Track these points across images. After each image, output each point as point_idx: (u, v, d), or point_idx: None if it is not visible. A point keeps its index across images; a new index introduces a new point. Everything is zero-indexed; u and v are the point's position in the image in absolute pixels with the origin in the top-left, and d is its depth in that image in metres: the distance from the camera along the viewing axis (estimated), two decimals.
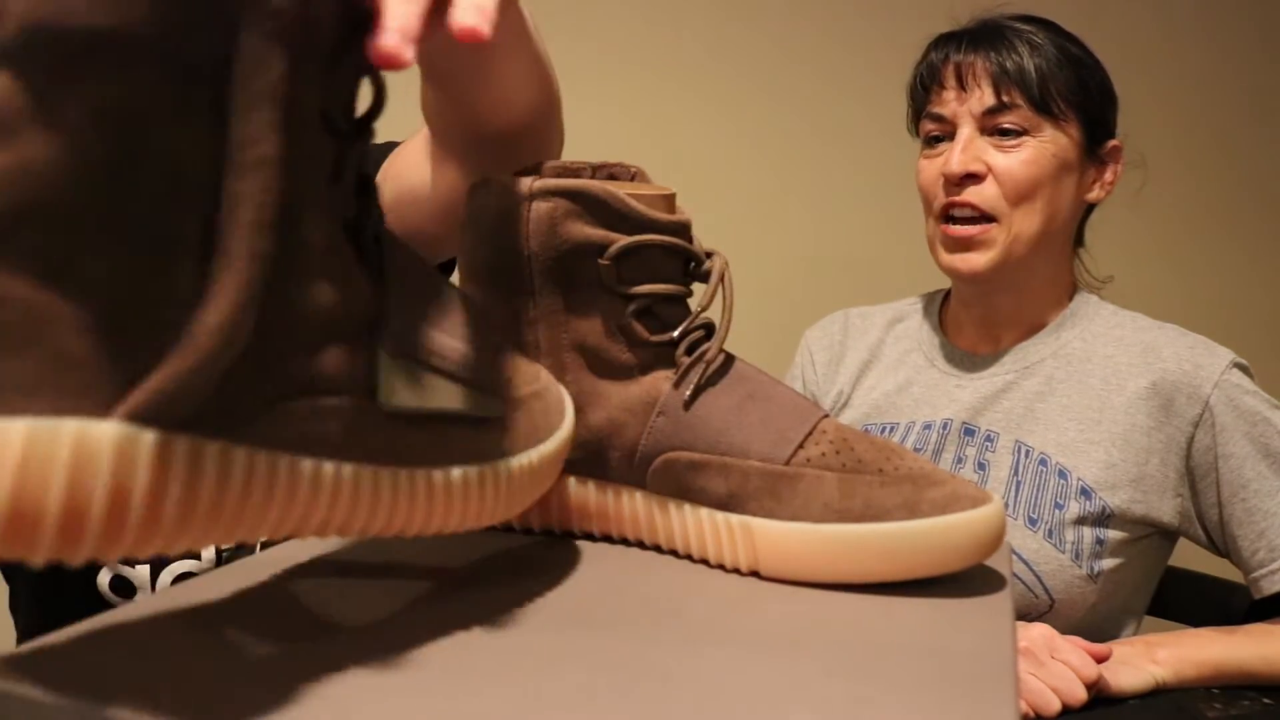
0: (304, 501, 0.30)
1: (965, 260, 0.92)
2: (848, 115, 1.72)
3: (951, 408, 0.97)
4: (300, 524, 0.31)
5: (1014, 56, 0.90)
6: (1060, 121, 0.91)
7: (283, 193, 0.28)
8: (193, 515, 0.27)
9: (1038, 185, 0.90)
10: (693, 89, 1.73)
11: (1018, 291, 0.96)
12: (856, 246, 1.72)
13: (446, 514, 0.36)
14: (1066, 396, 0.92)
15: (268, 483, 0.29)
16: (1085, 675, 0.75)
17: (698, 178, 1.70)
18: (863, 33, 1.70)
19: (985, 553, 0.42)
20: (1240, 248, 1.80)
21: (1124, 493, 0.88)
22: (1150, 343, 0.93)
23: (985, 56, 0.91)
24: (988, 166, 0.91)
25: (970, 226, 0.91)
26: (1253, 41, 1.77)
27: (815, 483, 0.43)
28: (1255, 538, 0.88)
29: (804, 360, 1.12)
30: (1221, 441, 0.88)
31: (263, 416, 0.29)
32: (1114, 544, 0.88)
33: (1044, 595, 0.87)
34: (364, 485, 0.33)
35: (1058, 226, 0.93)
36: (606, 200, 0.43)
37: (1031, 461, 0.91)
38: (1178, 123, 1.76)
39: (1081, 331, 0.96)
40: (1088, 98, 0.92)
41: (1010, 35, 0.92)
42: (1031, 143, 0.90)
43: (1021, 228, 0.91)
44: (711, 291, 0.45)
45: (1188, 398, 0.88)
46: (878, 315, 1.10)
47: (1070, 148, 0.92)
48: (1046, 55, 0.91)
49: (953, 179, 0.91)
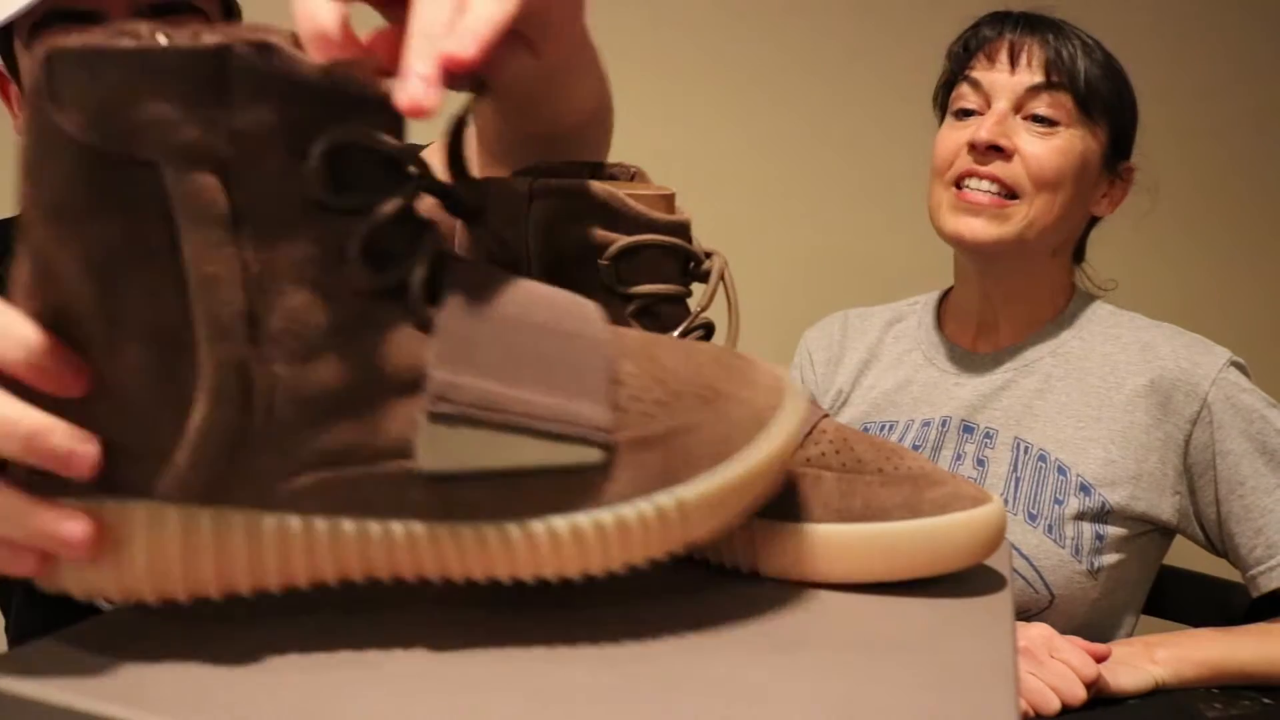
0: (357, 554, 0.33)
1: (971, 226, 0.91)
2: (847, 115, 1.72)
3: (950, 405, 0.97)
4: (364, 570, 0.33)
5: (1069, 46, 0.91)
6: (1094, 124, 0.91)
7: (245, 301, 0.31)
8: (228, 572, 0.33)
9: (1063, 176, 0.90)
10: (692, 89, 1.73)
11: (1012, 288, 0.96)
12: (856, 246, 1.72)
13: (538, 564, 0.33)
14: (1065, 394, 0.93)
15: (306, 543, 0.32)
16: (1085, 674, 0.75)
17: (697, 177, 1.70)
18: (862, 33, 1.70)
19: (985, 552, 0.42)
20: (1242, 252, 1.81)
21: (1123, 489, 0.88)
22: (1148, 341, 0.93)
23: (1043, 39, 0.92)
24: (1016, 147, 0.90)
25: (989, 196, 0.91)
26: (1258, 45, 1.77)
27: (815, 483, 0.43)
28: (1253, 534, 0.88)
29: (802, 361, 1.12)
30: (1219, 439, 0.88)
31: (286, 486, 0.32)
32: (1113, 540, 0.88)
33: (1044, 591, 0.87)
34: (420, 541, 0.32)
35: (1067, 229, 0.94)
36: (606, 200, 0.43)
37: (1031, 457, 0.91)
38: (1180, 126, 1.76)
39: (1079, 331, 0.96)
40: (1121, 110, 0.93)
41: (1067, 29, 0.93)
42: (1065, 133, 0.90)
43: (1040, 213, 0.90)
44: (711, 291, 0.45)
45: (1185, 395, 0.89)
46: (876, 316, 1.10)
47: (1096, 152, 0.92)
48: (1095, 58, 0.92)
49: (980, 146, 0.90)
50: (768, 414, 0.36)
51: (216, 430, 0.31)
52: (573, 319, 0.35)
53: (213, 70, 0.30)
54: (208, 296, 0.31)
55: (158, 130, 0.30)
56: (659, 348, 0.37)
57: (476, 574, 0.33)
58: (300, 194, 0.31)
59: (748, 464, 0.35)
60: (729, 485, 0.35)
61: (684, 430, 0.35)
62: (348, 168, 0.32)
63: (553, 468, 0.32)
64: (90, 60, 0.29)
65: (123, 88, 0.29)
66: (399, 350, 0.32)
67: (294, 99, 0.31)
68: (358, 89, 0.32)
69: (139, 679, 0.32)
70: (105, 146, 0.30)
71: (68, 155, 0.30)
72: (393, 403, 0.32)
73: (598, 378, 0.34)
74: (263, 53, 0.30)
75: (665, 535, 0.34)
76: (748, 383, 0.37)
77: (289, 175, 0.31)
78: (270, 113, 0.30)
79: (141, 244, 0.31)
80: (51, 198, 0.31)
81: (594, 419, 0.33)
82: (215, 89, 0.30)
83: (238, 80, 0.30)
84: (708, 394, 0.36)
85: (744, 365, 0.38)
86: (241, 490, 0.32)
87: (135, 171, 0.30)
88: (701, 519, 0.35)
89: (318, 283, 0.32)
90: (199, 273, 0.31)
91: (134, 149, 0.30)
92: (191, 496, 0.32)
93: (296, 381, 0.32)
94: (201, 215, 0.30)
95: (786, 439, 0.36)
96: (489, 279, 0.35)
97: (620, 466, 0.33)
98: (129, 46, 0.29)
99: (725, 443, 0.35)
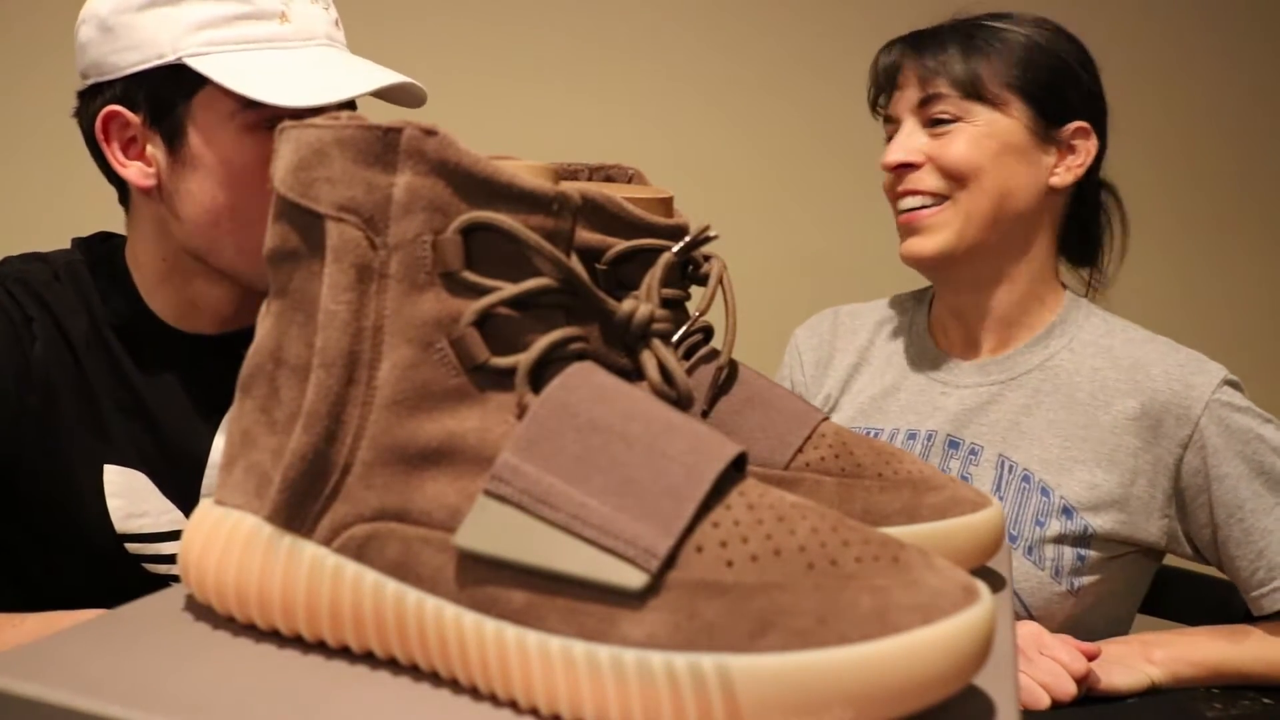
0: (395, 621, 0.33)
1: (915, 245, 0.93)
2: (846, 118, 1.71)
3: (937, 417, 0.96)
4: (400, 642, 0.33)
5: (939, 51, 0.92)
6: (998, 105, 0.91)
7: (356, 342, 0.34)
8: (291, 603, 0.35)
9: (976, 167, 0.90)
10: (691, 90, 1.73)
11: (990, 285, 0.95)
12: (855, 249, 1.72)
13: (551, 689, 0.30)
14: (1052, 411, 0.91)
15: (354, 595, 0.34)
16: (1074, 670, 0.75)
17: (696, 179, 1.70)
18: (861, 33, 1.70)
19: (985, 556, 0.42)
20: (1240, 247, 1.80)
21: (1107, 514, 0.87)
22: (1140, 359, 0.91)
23: (913, 54, 0.94)
24: (925, 156, 0.92)
25: (918, 210, 0.93)
26: (1255, 37, 1.76)
27: (814, 488, 0.43)
28: (1254, 557, 0.86)
29: (793, 360, 1.11)
30: (1213, 464, 0.86)
31: (352, 529, 0.34)
32: (1095, 561, 0.87)
33: (1023, 613, 0.87)
34: (448, 625, 0.32)
35: (1014, 212, 0.92)
36: (604, 204, 0.43)
37: (1014, 477, 0.90)
38: (1180, 121, 1.76)
39: (1070, 341, 0.94)
40: (1031, 80, 0.91)
41: (945, 30, 0.94)
42: (965, 128, 0.91)
43: (972, 207, 0.91)
44: (710, 295, 0.45)
45: (1177, 419, 0.87)
46: (867, 314, 1.09)
47: (1014, 129, 0.91)
48: (976, 46, 0.92)
49: (888, 168, 0.94)
50: (909, 619, 0.28)
51: (303, 457, 0.34)
52: (684, 448, 0.32)
53: (383, 145, 0.34)
54: (325, 330, 0.34)
55: (327, 186, 0.35)
56: (807, 513, 0.32)
57: (496, 686, 0.31)
58: (434, 261, 0.34)
59: (839, 662, 0.27)
60: (802, 678, 0.27)
61: (761, 591, 0.29)
62: (484, 248, 0.34)
63: (589, 581, 0.30)
64: (298, 130, 0.36)
65: (310, 151, 0.35)
66: (487, 428, 0.33)
67: (447, 178, 0.34)
68: (508, 178, 0.34)
69: (139, 679, 0.32)
70: (291, 198, 0.35)
71: (274, 208, 0.37)
72: (465, 475, 0.33)
73: (680, 508, 0.31)
74: (429, 136, 0.34)
75: (700, 710, 0.28)
76: (908, 580, 0.29)
77: (427, 243, 0.34)
78: (424, 186, 0.34)
79: (306, 286, 0.36)
80: (267, 242, 0.37)
81: (647, 541, 0.30)
82: (383, 160, 0.34)
83: (404, 155, 0.34)
84: (823, 565, 0.30)
85: (920, 560, 0.30)
86: (317, 524, 0.35)
87: (310, 221, 0.35)
88: (753, 710, 0.27)
89: (430, 344, 0.34)
90: (325, 308, 0.35)
91: (310, 201, 0.35)
92: (279, 519, 0.35)
93: (385, 429, 0.34)
94: (340, 258, 0.34)
95: (936, 661, 0.27)
96: (603, 384, 0.34)
97: (664, 606, 0.29)
98: (325, 121, 0.35)
99: (821, 625, 0.28)
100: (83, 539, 0.81)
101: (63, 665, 0.33)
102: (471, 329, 0.34)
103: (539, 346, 0.34)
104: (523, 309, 0.35)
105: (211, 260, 0.81)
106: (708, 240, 0.45)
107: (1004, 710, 0.32)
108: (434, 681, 0.33)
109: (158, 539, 0.83)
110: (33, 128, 1.60)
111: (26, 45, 1.61)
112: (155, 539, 0.82)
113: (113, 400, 0.81)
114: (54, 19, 1.57)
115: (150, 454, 0.82)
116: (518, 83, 1.68)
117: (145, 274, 0.84)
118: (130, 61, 0.76)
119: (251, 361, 0.38)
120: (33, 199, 1.62)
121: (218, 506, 0.37)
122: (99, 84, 0.78)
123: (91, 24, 0.77)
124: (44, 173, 1.61)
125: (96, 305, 0.82)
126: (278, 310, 0.37)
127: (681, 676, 0.28)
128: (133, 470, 0.82)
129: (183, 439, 0.83)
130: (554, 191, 0.35)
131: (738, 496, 0.32)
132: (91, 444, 0.81)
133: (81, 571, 0.83)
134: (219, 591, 0.36)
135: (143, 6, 0.75)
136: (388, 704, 0.31)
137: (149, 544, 0.82)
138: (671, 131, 1.72)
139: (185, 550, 0.37)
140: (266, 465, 0.36)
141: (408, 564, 0.33)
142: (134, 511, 0.81)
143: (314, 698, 0.31)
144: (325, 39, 0.80)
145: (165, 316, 0.84)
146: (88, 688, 0.31)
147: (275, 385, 0.36)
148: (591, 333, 0.40)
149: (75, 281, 0.83)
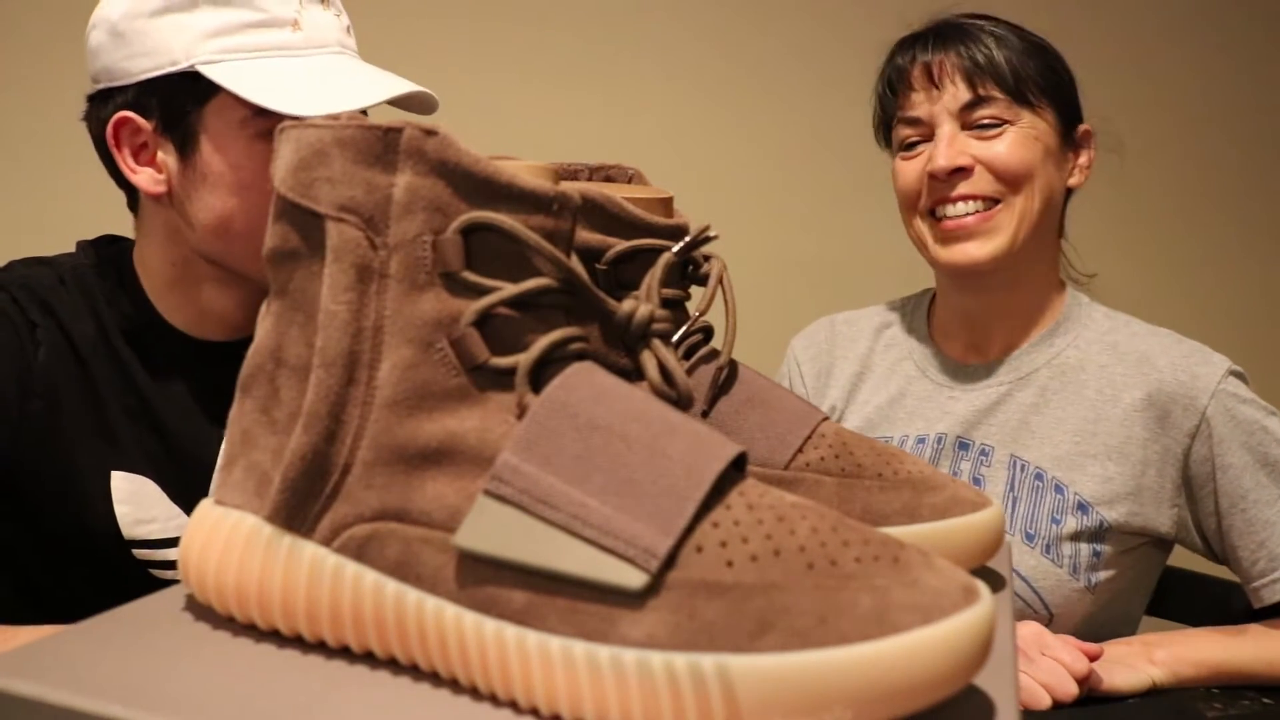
0: (395, 621, 0.33)
1: (966, 251, 0.91)
2: (846, 119, 1.71)
3: (945, 421, 0.96)
4: (400, 642, 0.33)
5: (983, 49, 0.90)
6: (1037, 108, 0.91)
7: (357, 342, 0.34)
8: (292, 604, 0.35)
9: (1030, 169, 0.90)
10: (691, 90, 1.73)
11: (1011, 287, 0.95)
12: (854, 250, 1.72)
13: (551, 689, 0.30)
14: (1061, 409, 0.91)
15: (354, 595, 0.33)
16: (1076, 671, 0.75)
17: (696, 179, 1.70)
18: (861, 33, 1.70)
19: (985, 556, 0.42)
20: (1236, 238, 1.80)
21: (1121, 506, 0.87)
22: (1145, 352, 0.92)
23: (955, 52, 0.91)
24: (974, 159, 0.90)
25: (971, 216, 0.90)
26: (1252, 29, 1.76)
27: (814, 488, 0.43)
28: (1255, 548, 0.87)
29: (791, 372, 1.10)
30: (1219, 453, 0.87)
31: (352, 529, 0.34)
32: (1110, 555, 0.88)
33: (1043, 610, 0.87)
34: (448, 626, 0.32)
35: (1051, 214, 0.93)
36: (604, 205, 0.43)
37: (1028, 476, 0.90)
38: (1173, 112, 1.76)
39: (1075, 339, 0.95)
40: (1058, 83, 0.93)
41: (974, 30, 0.92)
42: (1014, 130, 0.90)
43: (1024, 209, 0.90)
44: (710, 295, 0.45)
45: (1184, 409, 0.88)
46: (864, 321, 1.08)
47: (1050, 133, 0.92)
48: (1012, 46, 0.91)
49: (940, 175, 0.90)
50: (908, 618, 0.28)
51: (304, 457, 0.34)
52: (684, 448, 0.32)
53: (383, 145, 0.34)
54: (325, 330, 0.34)
55: (328, 186, 0.35)
56: (807, 513, 0.32)
57: (496, 686, 0.31)
58: (434, 261, 0.34)
59: (839, 662, 0.27)
60: (802, 678, 0.27)
61: (761, 591, 0.29)
62: (484, 248, 0.34)
63: (589, 581, 0.30)
64: (298, 131, 0.36)
65: (310, 151, 0.35)
66: (487, 428, 0.33)
67: (447, 178, 0.34)
68: (508, 178, 0.34)
69: (139, 679, 0.32)
70: (291, 198, 0.35)
71: (274, 208, 0.37)
72: (465, 475, 0.33)
73: (680, 508, 0.31)
74: (429, 136, 0.34)
75: (700, 710, 0.28)
76: (907, 580, 0.29)
77: (428, 243, 0.34)
78: (425, 186, 0.34)
79: (306, 286, 0.36)
80: (267, 242, 0.37)
81: (647, 541, 0.30)
82: (383, 160, 0.34)
83: (404, 156, 0.34)
84: (823, 565, 0.30)
85: (920, 560, 0.30)
86: (317, 524, 0.35)
87: (311, 221, 0.35)
88: (753, 710, 0.27)
89: (431, 344, 0.34)
90: (325, 308, 0.35)
91: (310, 201, 0.35)
92: (279, 519, 0.35)
93: (385, 429, 0.34)
94: (340, 258, 0.34)
95: (935, 661, 0.27)
96: (603, 384, 0.34)
97: (664, 606, 0.29)
98: (325, 121, 0.35)
99: (821, 625, 0.28)
100: (90, 545, 0.81)
101: (63, 665, 0.33)
102: (471, 329, 0.34)
103: (539, 346, 0.34)
104: (523, 309, 0.35)
105: (224, 264, 0.81)
106: (708, 240, 0.45)
107: (1004, 710, 0.32)
108: (434, 681, 0.33)
109: (165, 545, 0.82)
110: (33, 128, 1.61)
111: (26, 45, 1.61)
112: (162, 545, 0.82)
113: (120, 406, 0.81)
114: (56, 20, 1.57)
115: (158, 460, 0.82)
116: (518, 83, 1.69)
117: (154, 279, 0.84)
118: (143, 68, 0.76)
119: (251, 361, 0.38)
120: (33, 199, 1.62)
121: (218, 506, 0.37)
122: (110, 89, 0.78)
123: (103, 29, 0.77)
124: (44, 173, 1.61)
125: (104, 310, 0.82)
126: (278, 310, 0.37)
127: (681, 676, 0.28)
128: (140, 476, 0.82)
129: (190, 445, 0.83)
130: (554, 191, 0.35)
131: (738, 496, 0.32)
132: (99, 450, 0.81)
133: (88, 577, 0.82)
134: (219, 591, 0.36)
135: (155, 13, 0.75)
136: (387, 704, 0.31)
137: (156, 550, 0.82)
138: (671, 131, 1.72)
139: (185, 550, 0.37)
140: (266, 465, 0.36)
141: (408, 564, 0.33)
142: (141, 517, 0.81)
143: (314, 698, 0.31)
144: (337, 46, 0.80)
145: (174, 321, 0.84)
146: (88, 688, 0.31)
147: (275, 385, 0.36)
148: (591, 333, 0.40)
149: (81, 286, 0.83)
